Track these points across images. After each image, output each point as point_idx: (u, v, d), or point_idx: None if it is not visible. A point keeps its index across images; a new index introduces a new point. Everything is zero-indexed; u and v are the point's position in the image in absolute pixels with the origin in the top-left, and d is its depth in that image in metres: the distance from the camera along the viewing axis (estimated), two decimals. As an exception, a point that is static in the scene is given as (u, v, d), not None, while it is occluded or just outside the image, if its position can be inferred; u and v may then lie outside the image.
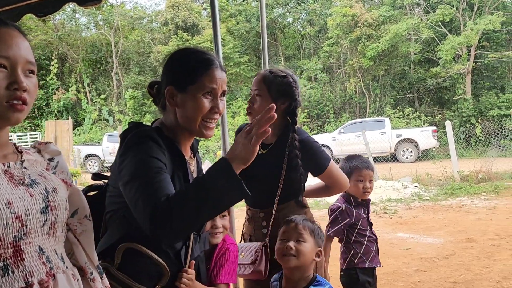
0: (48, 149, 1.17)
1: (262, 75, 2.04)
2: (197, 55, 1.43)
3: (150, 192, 1.20)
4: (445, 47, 19.14)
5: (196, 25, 23.82)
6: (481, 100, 19.21)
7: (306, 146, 2.01)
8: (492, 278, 4.23)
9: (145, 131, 1.35)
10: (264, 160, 1.96)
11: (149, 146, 1.30)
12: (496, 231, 5.95)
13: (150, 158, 1.27)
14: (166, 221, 1.15)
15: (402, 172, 11.29)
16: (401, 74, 22.23)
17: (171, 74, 1.42)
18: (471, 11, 20.33)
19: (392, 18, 21.65)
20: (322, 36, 24.06)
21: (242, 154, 1.20)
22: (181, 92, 1.38)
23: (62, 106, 23.70)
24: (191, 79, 1.37)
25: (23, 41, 1.05)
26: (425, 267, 4.69)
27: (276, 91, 1.99)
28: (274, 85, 2.00)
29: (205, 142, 19.59)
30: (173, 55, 1.48)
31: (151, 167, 1.25)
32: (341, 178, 2.12)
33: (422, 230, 6.31)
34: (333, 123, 20.66)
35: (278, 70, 2.07)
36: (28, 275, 0.97)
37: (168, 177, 1.27)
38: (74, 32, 26.22)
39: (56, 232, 1.07)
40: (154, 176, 1.23)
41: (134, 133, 1.35)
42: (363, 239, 2.64)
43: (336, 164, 2.14)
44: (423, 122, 18.76)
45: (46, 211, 1.03)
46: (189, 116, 1.39)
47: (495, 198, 8.27)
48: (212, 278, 1.68)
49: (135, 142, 1.32)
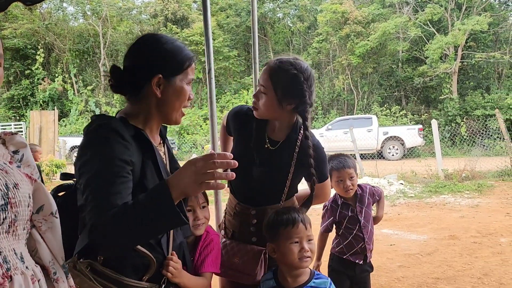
0: (13, 141, 1.09)
1: (269, 69, 1.79)
2: (183, 47, 1.44)
3: (98, 203, 1.18)
4: (433, 47, 19.33)
5: (185, 18, 23.67)
6: (466, 100, 19.46)
7: (317, 151, 1.85)
8: (474, 274, 4.31)
9: (108, 124, 1.31)
10: (272, 157, 1.87)
11: (110, 144, 1.25)
12: (478, 229, 6.05)
13: (108, 162, 1.23)
14: (102, 237, 1.17)
15: (387, 169, 11.40)
16: (389, 72, 22.40)
17: (160, 63, 1.39)
18: (459, 12, 20.54)
19: (381, 16, 21.78)
20: (312, 32, 24.12)
21: (186, 189, 1.16)
22: (167, 80, 1.38)
23: (47, 97, 23.36)
24: (179, 69, 1.40)
25: None
26: (409, 263, 4.76)
27: (282, 91, 1.76)
28: (281, 83, 1.76)
29: (193, 136, 19.54)
30: (156, 43, 1.42)
31: (107, 173, 1.22)
32: (329, 191, 2.07)
33: (406, 227, 6.39)
34: (321, 119, 20.75)
35: (289, 64, 1.77)
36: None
37: (125, 182, 1.24)
38: (61, 22, 25.79)
39: (16, 231, 1.00)
40: (107, 185, 1.20)
41: (96, 127, 1.29)
42: (349, 235, 2.70)
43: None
44: (410, 121, 18.97)
45: (6, 209, 0.96)
46: (172, 104, 1.41)
47: (478, 196, 8.40)
48: (197, 267, 1.69)
49: (96, 140, 1.28)
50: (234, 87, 23.09)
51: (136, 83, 1.39)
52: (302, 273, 1.73)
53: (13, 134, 1.10)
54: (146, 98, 1.39)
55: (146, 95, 1.39)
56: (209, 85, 2.57)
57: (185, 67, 1.41)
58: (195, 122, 20.93)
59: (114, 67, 1.41)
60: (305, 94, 1.76)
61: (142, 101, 1.40)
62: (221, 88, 22.78)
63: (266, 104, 1.79)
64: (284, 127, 1.88)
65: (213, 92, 2.59)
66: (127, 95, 1.43)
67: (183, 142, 18.71)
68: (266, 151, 1.89)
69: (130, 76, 1.39)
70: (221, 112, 20.62)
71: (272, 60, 1.84)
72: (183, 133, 20.22)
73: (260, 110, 1.83)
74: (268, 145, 1.89)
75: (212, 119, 2.63)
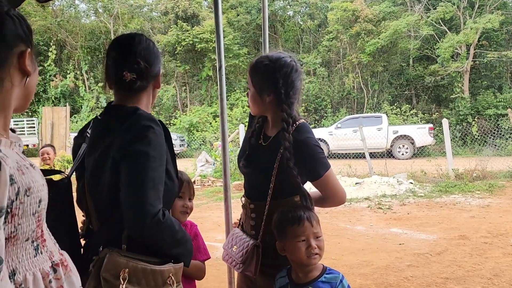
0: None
1: (249, 65, 1.91)
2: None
3: (152, 201, 1.35)
4: (444, 45, 19.16)
5: (196, 15, 23.70)
6: (478, 99, 19.27)
7: (302, 147, 1.77)
8: (484, 275, 4.28)
9: (152, 118, 1.45)
10: (263, 152, 1.88)
11: (161, 144, 1.42)
12: (489, 229, 6.01)
13: (161, 165, 1.41)
14: (155, 232, 1.37)
15: (397, 168, 11.35)
16: (400, 71, 22.25)
17: (156, 63, 1.58)
18: (472, 10, 20.33)
19: (392, 14, 21.63)
20: (322, 30, 24.01)
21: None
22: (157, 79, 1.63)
23: (59, 93, 23.59)
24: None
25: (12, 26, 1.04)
26: (418, 262, 4.74)
27: (257, 83, 1.83)
28: (256, 75, 1.84)
29: (203, 133, 19.60)
30: (149, 46, 1.61)
31: (160, 176, 1.41)
32: (336, 192, 1.87)
33: (415, 226, 6.36)
34: (331, 117, 20.68)
35: (264, 57, 1.86)
36: (51, 255, 1.01)
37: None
38: (73, 19, 26.02)
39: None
40: (159, 187, 1.39)
41: (151, 125, 1.43)
42: None
43: (334, 175, 1.87)
44: (420, 120, 18.82)
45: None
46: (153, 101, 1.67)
47: (489, 196, 8.33)
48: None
49: (151, 136, 1.40)
50: (244, 84, 23.08)
51: (145, 82, 1.55)
52: (314, 268, 1.74)
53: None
54: (146, 96, 1.58)
55: (146, 93, 1.58)
56: (220, 83, 2.58)
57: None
58: (205, 119, 21.00)
59: (121, 65, 1.52)
60: (278, 82, 1.78)
61: (140, 98, 1.56)
62: (231, 85, 22.80)
63: (250, 100, 1.88)
64: (276, 123, 1.87)
65: (223, 90, 2.59)
66: (129, 92, 1.54)
67: (193, 139, 18.78)
68: (259, 146, 1.92)
69: (140, 75, 1.52)
70: (231, 109, 20.66)
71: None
72: (192, 130, 20.30)
73: (250, 107, 1.93)
74: (261, 141, 1.93)
75: (222, 116, 2.63)
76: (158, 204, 1.35)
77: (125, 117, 1.44)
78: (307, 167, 1.78)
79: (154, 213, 1.33)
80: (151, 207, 1.32)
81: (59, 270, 1.01)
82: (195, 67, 24.29)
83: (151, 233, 1.35)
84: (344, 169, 11.10)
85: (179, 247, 1.48)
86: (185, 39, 22.59)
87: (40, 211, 0.96)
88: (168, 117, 22.92)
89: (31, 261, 0.96)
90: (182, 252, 1.50)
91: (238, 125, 13.34)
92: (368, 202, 8.36)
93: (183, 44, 22.74)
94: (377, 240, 5.75)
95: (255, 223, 1.89)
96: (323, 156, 1.82)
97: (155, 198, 1.35)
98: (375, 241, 5.68)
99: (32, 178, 0.95)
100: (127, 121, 1.42)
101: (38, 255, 0.97)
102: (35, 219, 0.95)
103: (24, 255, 0.95)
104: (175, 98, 24.16)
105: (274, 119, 1.88)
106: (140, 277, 1.37)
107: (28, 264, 0.95)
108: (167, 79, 23.99)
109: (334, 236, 5.99)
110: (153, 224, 1.32)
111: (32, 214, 0.94)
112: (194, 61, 24.11)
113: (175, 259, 1.49)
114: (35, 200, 0.94)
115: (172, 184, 1.52)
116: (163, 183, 1.41)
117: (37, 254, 0.97)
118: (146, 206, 1.32)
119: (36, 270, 0.96)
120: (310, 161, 1.78)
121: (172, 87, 23.82)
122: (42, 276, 0.96)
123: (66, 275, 1.03)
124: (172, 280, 1.44)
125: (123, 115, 1.46)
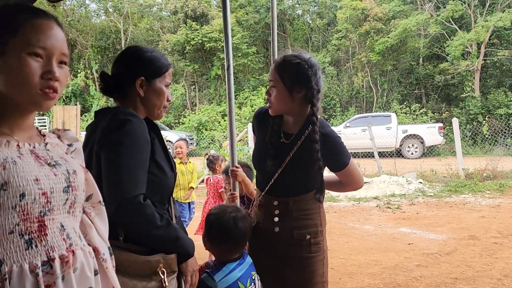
0: (67, 136, 1.24)
1: (275, 64, 1.95)
2: (160, 55, 1.70)
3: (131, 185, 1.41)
4: (454, 43, 18.99)
5: (205, 15, 23.75)
6: (489, 98, 19.08)
7: (329, 140, 1.91)
8: (494, 275, 4.25)
9: (132, 113, 1.53)
10: (286, 150, 1.94)
11: (139, 134, 1.48)
12: (499, 229, 5.96)
13: (138, 153, 1.46)
14: (129, 217, 1.41)
15: (406, 167, 11.29)
16: (409, 70, 22.10)
17: (142, 67, 1.62)
18: (483, 8, 20.12)
19: (402, 13, 21.49)
20: (331, 29, 23.94)
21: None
22: (148, 82, 1.63)
23: (70, 92, 23.77)
24: (158, 73, 1.65)
25: (60, 32, 1.11)
26: (427, 262, 4.72)
27: (289, 80, 1.88)
28: (287, 73, 1.89)
29: (211, 132, 19.63)
30: (138, 52, 1.66)
31: (138, 163, 1.45)
32: (358, 177, 2.05)
33: (425, 226, 6.33)
34: (339, 116, 20.61)
35: (293, 56, 1.93)
36: (50, 250, 1.03)
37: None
38: (84, 18, 26.21)
39: (75, 211, 1.13)
40: (137, 173, 1.44)
41: (129, 118, 1.48)
42: None
43: (355, 163, 2.04)
44: (430, 119, 18.68)
45: (68, 191, 1.09)
46: (156, 103, 1.65)
47: (499, 196, 8.26)
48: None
49: (127, 127, 1.46)
50: (253, 83, 23.10)
51: (122, 85, 1.62)
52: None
53: (66, 130, 1.26)
54: (131, 98, 1.62)
55: (131, 96, 1.62)
56: (228, 82, 2.59)
57: (163, 71, 1.66)
58: (214, 118, 21.04)
59: (103, 73, 1.64)
60: (311, 80, 1.88)
61: (128, 101, 1.63)
62: (240, 84, 22.82)
63: (277, 96, 1.91)
64: (299, 120, 1.96)
65: (231, 89, 2.60)
66: (114, 96, 1.66)
67: (202, 138, 18.83)
68: (281, 144, 1.99)
69: (117, 79, 1.63)
70: (239, 108, 20.67)
71: (278, 58, 1.99)
72: (201, 129, 20.35)
73: (273, 105, 1.95)
74: (283, 139, 1.99)
75: (230, 116, 2.63)
76: (135, 189, 1.40)
77: (107, 114, 1.53)
78: (333, 158, 1.95)
79: (130, 197, 1.37)
80: (126, 190, 1.38)
81: (55, 265, 1.02)
82: (204, 66, 24.34)
83: (127, 215, 1.38)
84: (353, 168, 11.06)
85: (157, 242, 1.48)
86: (194, 38, 22.64)
87: (24, 205, 0.98)
88: (177, 116, 23.00)
89: (21, 253, 0.99)
90: (161, 248, 1.50)
91: (247, 124, 13.35)
92: (377, 201, 8.34)
93: (192, 43, 22.79)
94: (386, 239, 5.73)
95: (279, 219, 1.97)
96: (345, 147, 2.00)
97: (130, 182, 1.39)
98: (384, 241, 5.67)
99: (16, 173, 0.98)
100: (108, 117, 1.51)
101: (30, 249, 1.00)
102: (15, 213, 0.97)
103: (13, 248, 0.98)
104: (184, 97, 24.23)
105: (298, 116, 1.96)
106: (126, 265, 1.41)
107: (17, 257, 0.98)
108: (176, 78, 24.07)
109: (342, 235, 5.98)
110: (129, 207, 1.38)
111: (12, 208, 0.97)
112: (203, 60, 24.16)
113: (159, 251, 1.51)
114: (14, 194, 0.96)
115: (164, 177, 1.58)
116: (144, 171, 1.46)
117: (29, 247, 1.00)
118: (119, 189, 1.38)
119: (25, 263, 0.98)
120: (336, 152, 1.95)
121: (181, 86, 23.90)
122: (30, 269, 0.99)
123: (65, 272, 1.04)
124: (163, 270, 1.47)
125: (106, 113, 1.55)
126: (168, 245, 1.51)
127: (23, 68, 1.03)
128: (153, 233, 1.44)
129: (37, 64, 1.04)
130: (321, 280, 1.95)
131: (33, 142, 1.10)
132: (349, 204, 8.25)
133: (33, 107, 1.08)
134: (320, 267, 1.95)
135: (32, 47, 1.04)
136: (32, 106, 1.07)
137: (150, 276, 1.46)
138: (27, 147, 1.06)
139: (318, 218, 1.97)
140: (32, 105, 1.07)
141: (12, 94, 1.04)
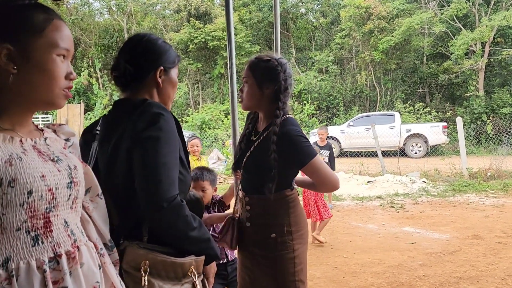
0: (63, 130, 1.24)
1: (249, 62, 2.06)
2: (170, 45, 1.64)
3: (169, 186, 1.35)
4: (458, 42, 18.92)
5: (208, 13, 23.75)
6: (493, 97, 19.00)
7: (285, 139, 1.89)
8: (497, 275, 4.23)
9: (162, 106, 1.46)
10: (253, 147, 2.01)
11: (172, 130, 1.41)
12: (503, 228, 5.93)
13: (173, 151, 1.41)
14: (169, 218, 1.35)
15: (410, 167, 11.26)
16: (413, 69, 22.04)
17: (161, 57, 1.57)
18: (487, 7, 20.03)
19: (406, 11, 21.41)
20: (335, 27, 23.89)
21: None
22: (166, 72, 1.58)
23: (73, 90, 23.79)
24: (174, 63, 1.61)
25: (70, 32, 1.13)
26: (430, 261, 4.71)
27: (260, 76, 1.99)
28: (258, 69, 2.00)
29: (214, 130, 19.65)
30: (153, 41, 1.58)
31: (173, 162, 1.39)
32: (325, 178, 1.97)
33: (428, 225, 6.31)
34: (343, 115, 20.58)
35: (264, 55, 2.05)
36: (56, 246, 1.03)
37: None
38: (87, 17, 26.28)
39: (77, 207, 1.13)
40: (173, 173, 1.38)
41: (161, 112, 1.41)
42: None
43: (323, 163, 1.99)
44: (434, 118, 18.62)
45: (71, 186, 1.09)
46: (168, 92, 1.61)
47: (503, 196, 8.22)
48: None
49: (162, 122, 1.39)
50: (256, 82, 23.09)
51: (142, 76, 1.54)
52: None
53: (61, 125, 1.24)
54: (148, 89, 1.55)
55: (147, 86, 1.55)
56: (231, 80, 2.59)
57: (176, 62, 1.62)
58: (217, 117, 21.05)
59: (122, 64, 1.55)
60: (280, 76, 1.97)
61: (144, 92, 1.55)
62: (243, 83, 22.81)
63: (248, 91, 2.01)
64: (267, 118, 2.03)
65: (234, 87, 2.61)
66: (129, 86, 1.56)
67: (205, 136, 18.85)
68: (251, 142, 2.06)
69: (138, 69, 1.53)
70: (242, 107, 20.66)
71: (250, 58, 2.10)
72: (204, 127, 20.36)
73: (244, 101, 2.04)
74: (253, 137, 2.08)
75: (233, 114, 2.64)
76: (174, 189, 1.34)
77: (135, 107, 1.44)
78: (291, 157, 1.92)
79: (170, 197, 1.32)
80: (167, 191, 1.32)
81: (61, 261, 1.02)
82: (207, 64, 24.35)
83: (167, 218, 1.33)
84: (356, 167, 11.05)
85: (193, 244, 1.45)
86: (197, 37, 22.65)
87: (31, 202, 0.98)
88: (180, 114, 23.03)
89: (28, 250, 0.99)
90: (194, 250, 1.46)
91: (250, 123, 13.32)
92: (380, 200, 8.32)
93: (196, 42, 22.81)
94: (389, 238, 5.72)
95: (249, 214, 2.04)
96: (306, 145, 1.92)
97: (170, 182, 1.34)
98: (387, 240, 5.65)
99: (22, 169, 0.97)
100: (137, 111, 1.42)
101: (37, 245, 1.00)
102: (23, 210, 0.97)
103: (19, 244, 0.98)
104: (187, 95, 24.26)
105: (267, 113, 2.03)
106: (160, 268, 1.37)
107: (24, 253, 0.98)
108: (180, 77, 24.07)
109: (346, 234, 5.97)
110: (171, 208, 1.32)
111: (20, 205, 0.96)
112: (206, 58, 24.17)
113: (191, 254, 1.47)
114: (22, 192, 0.96)
115: (187, 174, 1.53)
116: (177, 170, 1.39)
117: (35, 244, 1.00)
118: (160, 189, 1.31)
119: (32, 259, 0.98)
120: (293, 150, 1.91)
121: (184, 84, 23.92)
122: (37, 266, 0.99)
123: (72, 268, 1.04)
124: (193, 272, 1.44)
125: (132, 106, 1.46)
126: (202, 246, 1.47)
127: (55, 69, 1.05)
128: (190, 235, 1.40)
129: (64, 65, 1.07)
130: (293, 279, 1.94)
131: (34, 137, 1.10)
132: (352, 203, 8.24)
133: (51, 106, 1.10)
134: (290, 265, 1.94)
135: (59, 48, 1.06)
136: (51, 105, 1.09)
137: (181, 278, 1.42)
138: (29, 143, 1.06)
139: (286, 218, 1.96)
140: (51, 104, 1.08)
141: (35, 93, 1.05)
